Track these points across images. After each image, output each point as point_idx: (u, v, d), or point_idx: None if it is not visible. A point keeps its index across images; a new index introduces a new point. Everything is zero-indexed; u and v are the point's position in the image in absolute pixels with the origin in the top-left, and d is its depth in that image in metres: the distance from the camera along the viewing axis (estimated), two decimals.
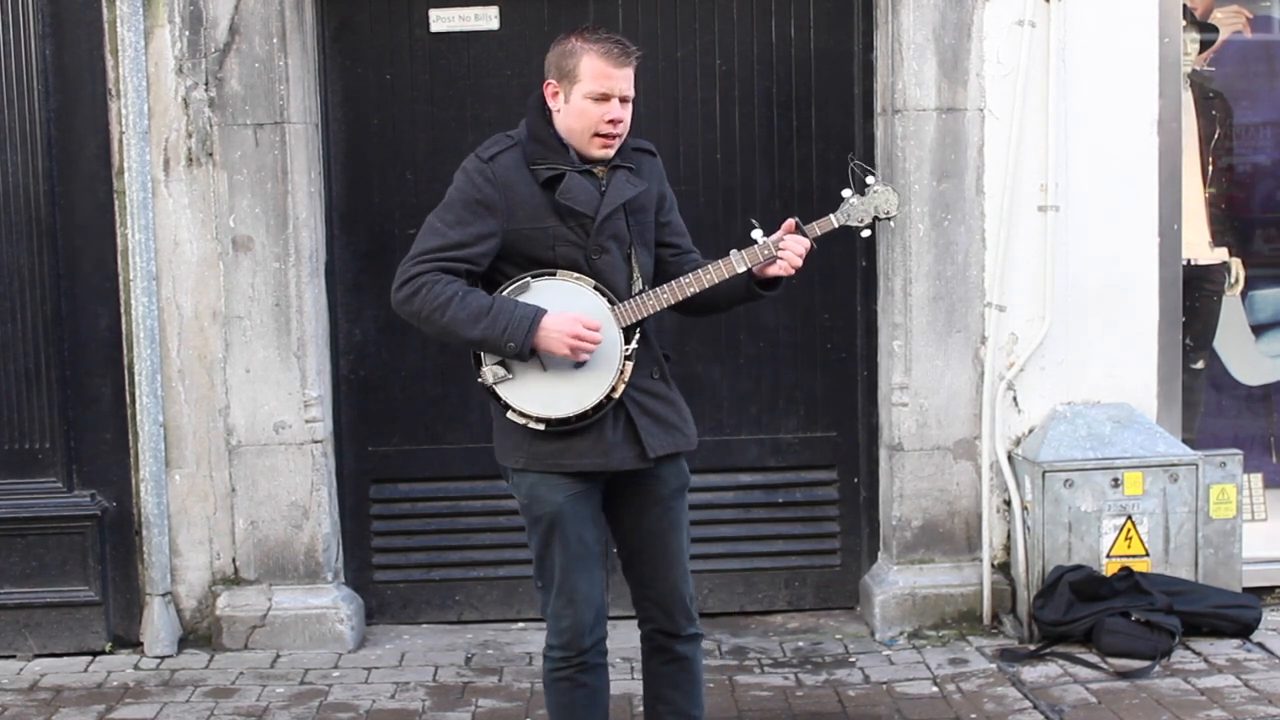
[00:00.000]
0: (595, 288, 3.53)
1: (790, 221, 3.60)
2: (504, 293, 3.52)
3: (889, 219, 3.71)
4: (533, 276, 3.53)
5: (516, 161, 3.54)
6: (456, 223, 3.52)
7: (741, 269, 3.56)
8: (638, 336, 3.56)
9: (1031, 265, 5.38)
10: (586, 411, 3.52)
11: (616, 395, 3.54)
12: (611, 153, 3.57)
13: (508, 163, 3.54)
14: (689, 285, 3.54)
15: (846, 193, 3.68)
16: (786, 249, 3.57)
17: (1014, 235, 5.35)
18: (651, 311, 3.55)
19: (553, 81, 3.57)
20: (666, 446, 3.60)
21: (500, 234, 3.52)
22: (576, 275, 3.53)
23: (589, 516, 3.62)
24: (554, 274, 3.54)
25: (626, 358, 3.53)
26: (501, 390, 3.55)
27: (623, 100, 3.53)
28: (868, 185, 3.67)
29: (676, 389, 3.72)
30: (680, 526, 3.71)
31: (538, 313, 3.46)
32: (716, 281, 3.56)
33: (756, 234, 3.58)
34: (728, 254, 3.58)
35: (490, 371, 3.55)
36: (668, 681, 3.77)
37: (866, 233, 3.73)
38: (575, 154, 3.56)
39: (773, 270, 3.59)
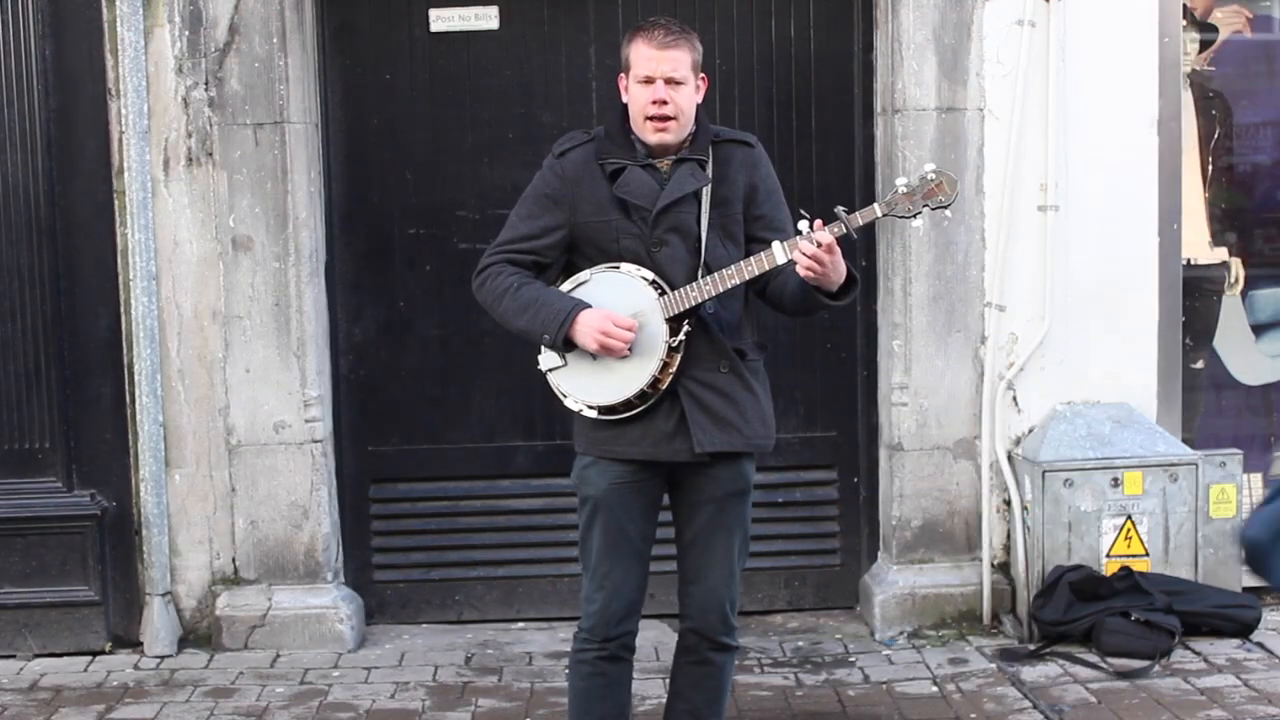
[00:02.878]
0: (652, 281, 3.55)
1: (819, 221, 3.49)
2: (564, 285, 3.62)
3: (944, 208, 3.58)
4: (592, 271, 3.61)
5: (587, 157, 3.64)
6: (527, 216, 3.66)
7: (782, 259, 3.51)
8: (687, 328, 3.54)
9: (1031, 265, 5.38)
10: (630, 400, 3.55)
11: (663, 386, 3.55)
12: (669, 137, 3.57)
13: (577, 158, 3.65)
14: (731, 276, 3.53)
15: (900, 180, 3.60)
16: (800, 247, 3.44)
17: (1014, 235, 5.35)
18: (695, 302, 3.53)
19: (622, 75, 3.66)
20: (716, 444, 3.57)
21: (568, 227, 3.62)
22: (638, 268, 3.58)
23: (638, 509, 3.63)
24: (617, 267, 3.59)
25: (673, 349, 3.54)
26: (553, 377, 3.65)
27: (669, 82, 3.54)
28: (923, 173, 3.58)
29: (757, 387, 3.66)
30: (730, 530, 3.68)
31: (575, 307, 3.54)
32: (758, 272, 3.53)
33: (802, 225, 3.49)
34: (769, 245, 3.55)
35: (543, 359, 3.66)
36: (692, 682, 3.78)
37: (917, 222, 3.67)
38: (643, 148, 3.61)
39: (798, 268, 3.47)
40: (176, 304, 5.33)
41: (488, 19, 5.48)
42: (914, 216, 3.59)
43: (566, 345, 3.55)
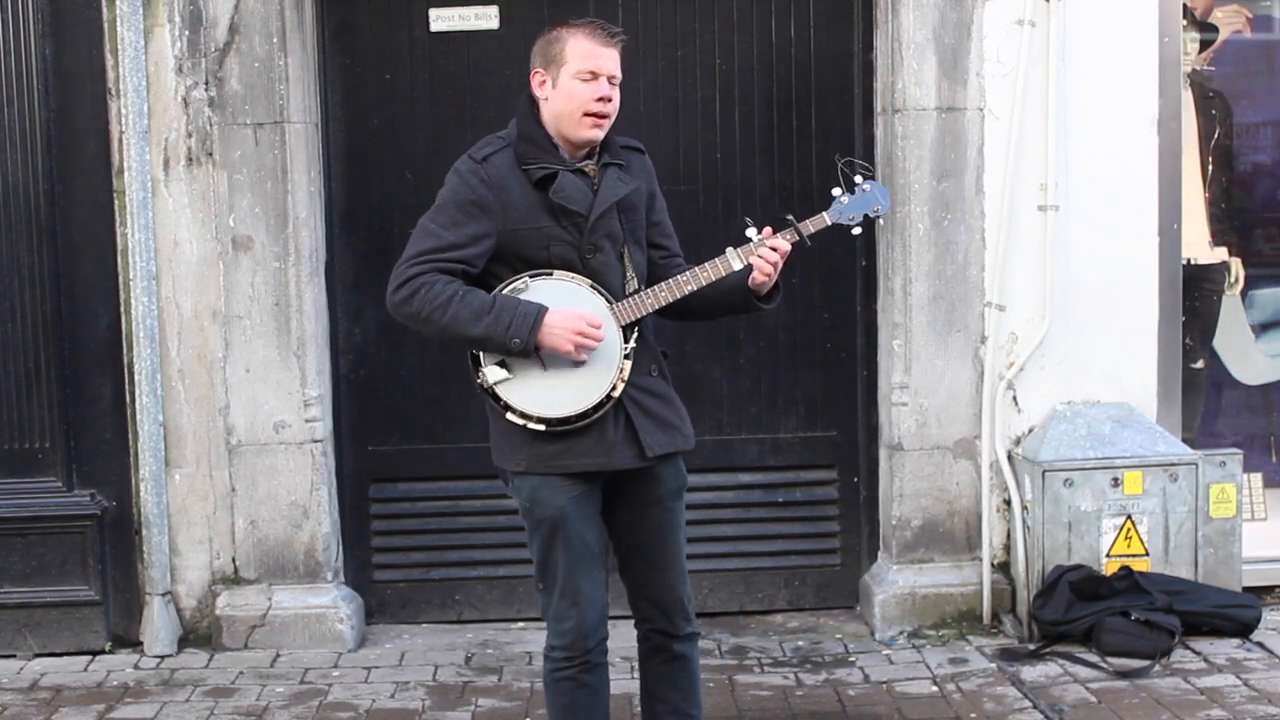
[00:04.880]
0: (592, 287, 3.53)
1: (769, 229, 3.55)
2: (503, 292, 3.52)
3: (878, 218, 3.69)
4: (530, 276, 3.52)
5: (510, 162, 3.55)
6: (451, 224, 3.51)
7: (738, 266, 3.53)
8: (636, 335, 3.55)
9: (1031, 265, 5.38)
10: (587, 411, 3.51)
11: (616, 394, 3.53)
12: (602, 134, 3.55)
13: (501, 163, 3.55)
14: (686, 283, 3.54)
15: (837, 191, 3.65)
16: (760, 254, 3.51)
17: (1014, 235, 5.35)
18: (650, 310, 3.54)
19: (539, 70, 3.58)
20: (665, 446, 3.59)
21: (495, 235, 3.51)
22: (573, 275, 3.53)
23: (591, 517, 3.61)
24: (551, 274, 3.53)
25: (625, 356, 3.53)
26: (501, 391, 3.54)
27: (610, 80, 3.52)
28: (856, 184, 3.65)
29: (672, 388, 3.71)
30: (678, 527, 3.70)
31: (541, 309, 3.46)
32: (714, 279, 3.54)
33: (751, 232, 3.56)
34: (723, 252, 3.57)
35: (489, 372, 3.54)
36: (666, 681, 3.77)
37: (857, 230, 3.70)
38: (566, 153, 3.56)
39: (755, 274, 3.54)
40: (176, 304, 5.33)
41: (488, 19, 5.48)
42: (856, 226, 3.67)
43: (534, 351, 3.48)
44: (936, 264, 5.35)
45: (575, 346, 3.46)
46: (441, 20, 5.47)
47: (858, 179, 3.65)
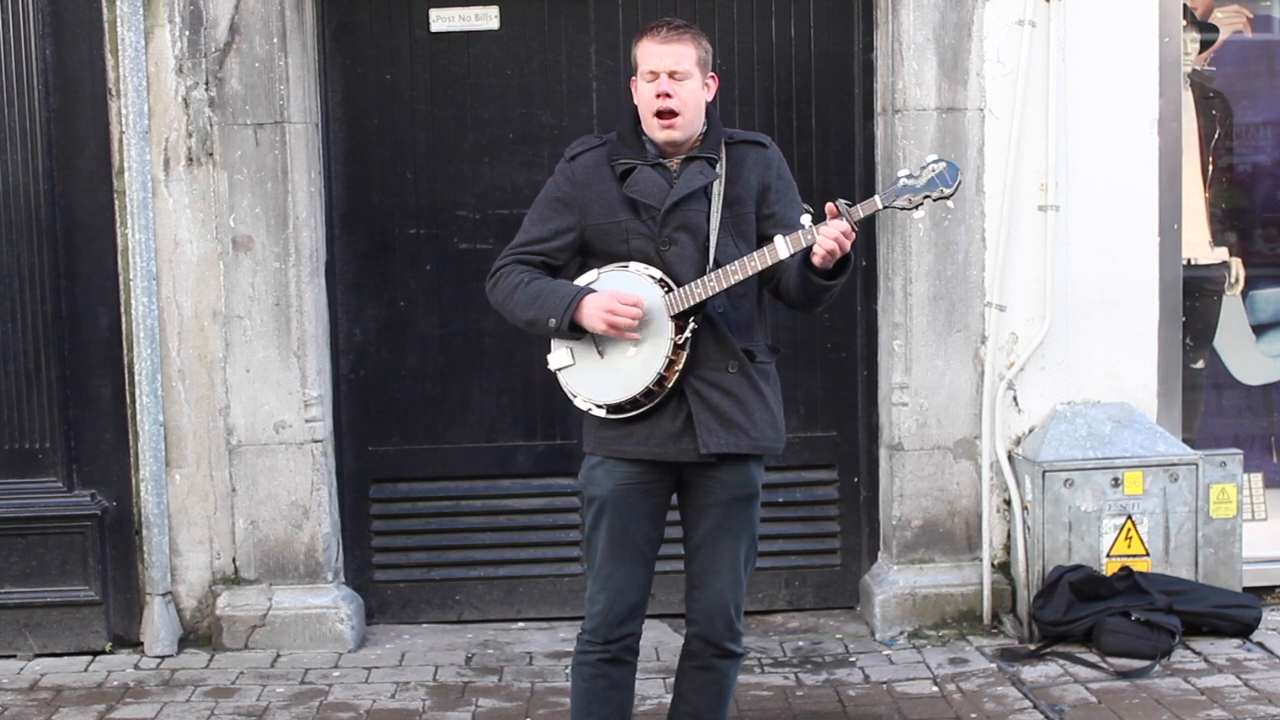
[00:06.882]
0: (659, 280, 3.56)
1: (831, 205, 3.49)
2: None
3: (945, 198, 3.54)
4: (600, 270, 3.63)
5: (598, 160, 3.67)
6: (539, 219, 3.71)
7: (785, 254, 3.51)
8: (693, 326, 3.54)
9: (1031, 265, 5.38)
10: (636, 398, 3.55)
11: (669, 384, 3.55)
12: (676, 135, 3.60)
13: (588, 161, 3.68)
14: (734, 272, 3.53)
15: (903, 172, 3.58)
16: (821, 233, 3.46)
17: (1014, 235, 5.36)
18: (699, 299, 3.52)
19: (633, 78, 3.69)
20: (721, 445, 3.57)
21: (579, 229, 3.66)
22: (647, 267, 3.59)
23: (643, 511, 3.64)
24: (626, 267, 3.61)
25: (679, 346, 3.54)
26: (563, 376, 3.68)
27: (671, 76, 3.57)
28: (926, 164, 3.56)
29: (766, 389, 3.65)
30: (736, 535, 3.68)
31: (580, 293, 3.56)
32: (761, 268, 3.52)
33: (805, 219, 3.52)
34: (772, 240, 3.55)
35: (552, 357, 3.69)
36: (695, 687, 3.78)
37: (919, 213, 3.67)
38: (653, 148, 3.64)
39: (814, 257, 3.48)
40: (177, 304, 5.33)
41: (488, 19, 5.49)
42: (916, 208, 3.56)
43: (574, 331, 3.56)
44: (937, 264, 5.36)
45: (607, 324, 3.51)
46: (441, 20, 5.47)
47: (930, 158, 3.58)
